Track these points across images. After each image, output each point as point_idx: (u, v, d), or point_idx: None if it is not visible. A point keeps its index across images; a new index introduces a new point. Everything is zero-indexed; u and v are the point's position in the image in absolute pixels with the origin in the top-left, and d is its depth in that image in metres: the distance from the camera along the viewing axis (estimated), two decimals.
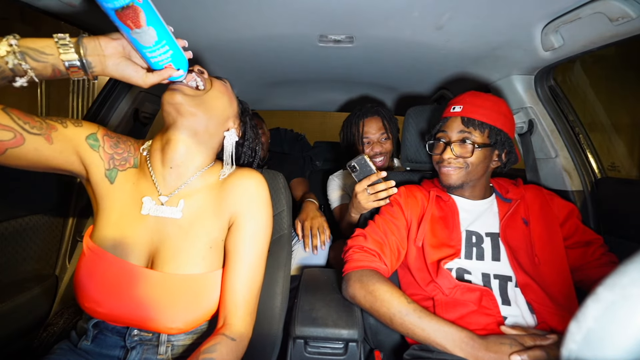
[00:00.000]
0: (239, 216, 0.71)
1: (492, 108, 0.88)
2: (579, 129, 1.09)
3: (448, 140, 0.89)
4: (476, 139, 0.86)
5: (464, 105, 0.88)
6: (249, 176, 0.75)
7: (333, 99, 1.91)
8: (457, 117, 0.89)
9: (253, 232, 0.71)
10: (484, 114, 0.86)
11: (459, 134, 0.88)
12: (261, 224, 0.73)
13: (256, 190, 0.74)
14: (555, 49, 0.89)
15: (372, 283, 0.78)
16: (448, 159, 0.88)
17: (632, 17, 0.70)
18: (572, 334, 0.25)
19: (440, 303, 0.80)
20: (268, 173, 1.01)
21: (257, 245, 0.72)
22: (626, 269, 0.24)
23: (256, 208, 0.73)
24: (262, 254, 0.73)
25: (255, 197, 0.73)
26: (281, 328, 0.88)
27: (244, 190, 0.73)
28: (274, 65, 1.34)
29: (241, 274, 0.68)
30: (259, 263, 0.72)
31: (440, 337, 0.69)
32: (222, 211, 0.71)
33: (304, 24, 0.95)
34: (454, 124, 0.89)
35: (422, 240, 0.86)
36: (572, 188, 1.06)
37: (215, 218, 0.71)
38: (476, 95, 0.90)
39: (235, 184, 0.73)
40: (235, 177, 0.75)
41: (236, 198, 0.72)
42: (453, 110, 0.90)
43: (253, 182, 0.74)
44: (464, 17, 0.86)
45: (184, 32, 1.04)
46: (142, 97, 1.27)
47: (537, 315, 0.77)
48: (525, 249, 0.83)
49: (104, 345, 0.66)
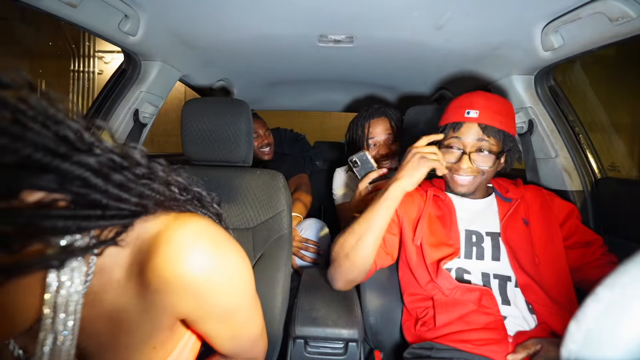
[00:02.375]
0: (187, 317, 0.43)
1: (507, 114, 0.84)
2: (579, 129, 1.09)
3: (463, 148, 0.83)
4: (493, 147, 0.82)
5: (480, 111, 0.81)
6: (168, 257, 0.38)
7: (333, 99, 1.91)
8: (473, 123, 0.82)
9: (225, 323, 0.46)
10: (502, 122, 0.82)
11: (477, 142, 0.82)
12: (229, 306, 0.45)
13: (191, 275, 0.38)
14: (555, 49, 0.89)
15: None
16: (466, 169, 0.83)
17: (632, 17, 0.70)
18: (572, 334, 0.25)
19: (440, 303, 0.80)
20: (268, 173, 1.01)
21: (239, 327, 0.49)
22: (626, 269, 0.24)
23: (207, 299, 0.41)
24: (247, 320, 0.50)
25: (194, 289, 0.39)
26: (281, 328, 0.88)
27: (174, 286, 0.38)
28: (274, 65, 1.34)
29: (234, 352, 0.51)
30: (248, 325, 0.51)
31: (377, 213, 0.79)
32: (154, 311, 0.41)
33: (304, 24, 0.95)
34: (471, 130, 0.82)
35: (420, 240, 0.86)
36: (572, 188, 1.06)
37: (148, 319, 0.42)
38: (488, 98, 0.84)
39: (155, 271, 0.38)
40: (153, 256, 0.38)
41: (167, 298, 0.39)
42: (468, 115, 0.82)
43: (183, 265, 0.38)
44: (464, 17, 0.86)
45: (185, 33, 1.04)
46: (142, 97, 1.27)
47: (537, 316, 0.77)
48: (525, 249, 0.83)
49: None
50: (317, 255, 1.27)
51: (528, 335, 0.74)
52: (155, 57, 1.14)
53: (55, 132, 0.30)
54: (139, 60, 1.14)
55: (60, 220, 0.31)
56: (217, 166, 1.05)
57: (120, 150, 0.36)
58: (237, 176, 1.01)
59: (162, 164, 0.42)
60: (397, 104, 1.89)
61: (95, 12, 0.86)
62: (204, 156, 1.02)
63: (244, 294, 0.47)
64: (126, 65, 1.18)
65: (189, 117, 1.01)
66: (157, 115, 1.41)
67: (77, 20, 0.87)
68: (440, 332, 0.78)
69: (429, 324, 0.81)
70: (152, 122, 1.42)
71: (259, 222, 0.98)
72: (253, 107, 2.04)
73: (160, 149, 4.64)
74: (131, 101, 1.23)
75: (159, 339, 0.44)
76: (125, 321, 0.41)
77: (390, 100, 1.86)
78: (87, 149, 0.32)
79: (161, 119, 3.89)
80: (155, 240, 0.39)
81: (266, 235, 0.96)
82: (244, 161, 1.01)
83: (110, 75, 1.23)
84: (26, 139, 0.28)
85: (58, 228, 0.31)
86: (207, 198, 0.49)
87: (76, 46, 4.04)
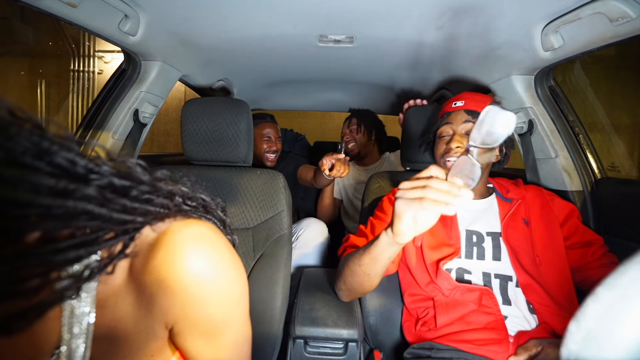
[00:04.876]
0: (175, 325, 0.41)
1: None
2: (578, 129, 1.09)
3: (453, 132, 0.90)
4: None
5: (465, 100, 0.90)
6: (167, 255, 0.38)
7: (333, 99, 1.91)
8: (460, 110, 0.89)
9: (212, 343, 0.43)
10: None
11: (464, 124, 0.88)
12: (217, 321, 0.42)
13: (187, 278, 0.38)
14: (555, 49, 0.89)
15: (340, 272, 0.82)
16: (455, 148, 0.87)
17: (632, 17, 0.70)
18: (572, 334, 0.25)
19: (440, 303, 0.80)
20: (268, 173, 1.01)
21: (220, 347, 0.44)
22: (626, 269, 0.24)
23: (196, 309, 0.40)
24: (233, 344, 0.45)
25: (191, 297, 0.39)
26: (281, 328, 0.88)
27: (166, 287, 0.38)
28: (274, 65, 1.34)
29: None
30: (233, 352, 0.46)
31: (378, 252, 0.66)
32: (149, 318, 0.41)
33: (304, 24, 0.95)
34: (458, 116, 0.89)
35: (420, 241, 0.86)
36: (572, 188, 1.06)
37: (143, 327, 0.42)
38: (474, 93, 0.92)
39: (150, 275, 0.38)
40: (150, 260, 0.39)
41: (159, 301, 0.39)
42: (455, 105, 0.91)
43: (176, 267, 0.38)
44: (464, 17, 0.86)
45: (185, 33, 1.04)
46: (142, 97, 1.27)
47: (538, 316, 0.77)
48: (526, 249, 0.83)
49: None
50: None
51: (529, 335, 0.74)
52: (155, 57, 1.14)
53: (51, 166, 0.28)
54: (139, 60, 1.14)
55: (72, 250, 0.30)
56: (217, 166, 1.05)
57: (120, 170, 0.35)
58: (237, 176, 1.01)
59: (165, 175, 0.41)
60: (397, 104, 1.89)
61: (95, 12, 0.85)
62: (204, 156, 1.02)
63: (234, 310, 0.45)
64: (126, 65, 1.18)
65: (189, 117, 1.01)
66: (157, 115, 1.41)
67: (77, 20, 0.87)
68: (440, 332, 0.78)
69: (429, 324, 0.81)
70: (152, 122, 1.42)
71: (259, 222, 0.98)
72: (253, 107, 2.04)
73: (160, 149, 4.63)
74: (131, 101, 1.23)
75: (155, 347, 0.43)
76: (122, 329, 0.41)
77: (390, 100, 1.86)
78: (85, 176, 0.31)
79: (161, 119, 3.89)
80: (155, 243, 0.39)
81: (266, 235, 0.96)
82: (244, 161, 1.01)
83: (110, 75, 1.23)
84: (24, 184, 0.26)
85: (70, 259, 0.30)
86: (212, 204, 0.48)
87: (76, 46, 4.04)
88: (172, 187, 0.41)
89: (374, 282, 0.74)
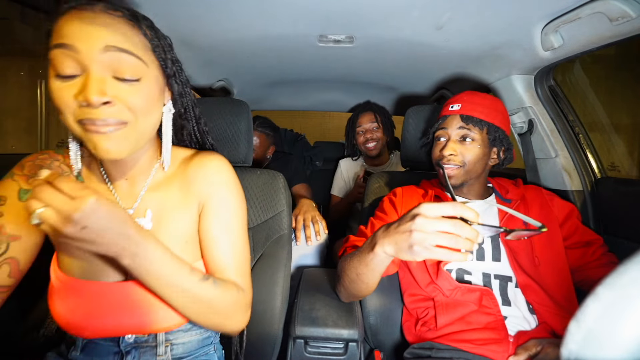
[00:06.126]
0: (205, 203, 0.65)
1: (490, 106, 0.88)
2: (579, 129, 1.09)
3: (448, 138, 0.90)
4: (475, 135, 0.87)
5: (462, 104, 0.89)
6: (209, 159, 0.67)
7: (333, 99, 1.91)
8: (456, 114, 0.89)
9: (224, 217, 0.66)
10: (483, 112, 0.87)
11: (459, 130, 0.88)
12: (230, 206, 0.67)
13: (218, 173, 0.67)
14: (555, 48, 0.89)
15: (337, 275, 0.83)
16: (448, 156, 0.87)
17: (632, 17, 0.70)
18: (572, 334, 0.25)
19: (441, 304, 0.80)
20: (268, 173, 1.01)
21: (231, 228, 0.66)
22: (626, 269, 0.24)
23: (221, 191, 0.66)
24: (239, 236, 0.67)
25: (217, 181, 0.66)
26: (281, 328, 0.88)
27: (204, 175, 0.66)
28: (274, 65, 1.34)
29: (223, 250, 0.64)
30: (239, 243, 0.66)
31: (375, 264, 0.63)
32: (188, 202, 0.65)
33: (304, 24, 0.95)
34: (453, 121, 0.89)
35: None
36: (572, 188, 1.06)
37: (184, 211, 0.64)
38: (474, 94, 0.91)
39: (195, 169, 0.66)
40: (194, 162, 0.67)
41: (199, 185, 0.65)
42: (452, 109, 0.90)
43: (213, 165, 0.67)
44: (464, 17, 0.86)
45: (185, 32, 1.04)
46: None
47: (538, 316, 0.77)
48: (525, 249, 0.83)
49: (96, 354, 0.61)
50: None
51: (529, 335, 0.74)
52: None
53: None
54: None
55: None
56: None
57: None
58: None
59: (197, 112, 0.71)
60: (397, 104, 1.89)
61: None
62: None
63: (241, 214, 0.68)
64: None
65: None
66: None
67: None
68: (440, 332, 0.78)
69: (429, 324, 0.81)
70: None
71: (259, 222, 0.98)
72: (253, 107, 2.04)
73: None
74: None
75: (189, 233, 0.64)
76: (169, 207, 0.63)
77: (390, 100, 1.86)
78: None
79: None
80: (193, 155, 0.69)
81: (266, 235, 0.96)
82: (244, 161, 1.01)
83: None
84: None
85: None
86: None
87: None
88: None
89: (372, 287, 0.74)
